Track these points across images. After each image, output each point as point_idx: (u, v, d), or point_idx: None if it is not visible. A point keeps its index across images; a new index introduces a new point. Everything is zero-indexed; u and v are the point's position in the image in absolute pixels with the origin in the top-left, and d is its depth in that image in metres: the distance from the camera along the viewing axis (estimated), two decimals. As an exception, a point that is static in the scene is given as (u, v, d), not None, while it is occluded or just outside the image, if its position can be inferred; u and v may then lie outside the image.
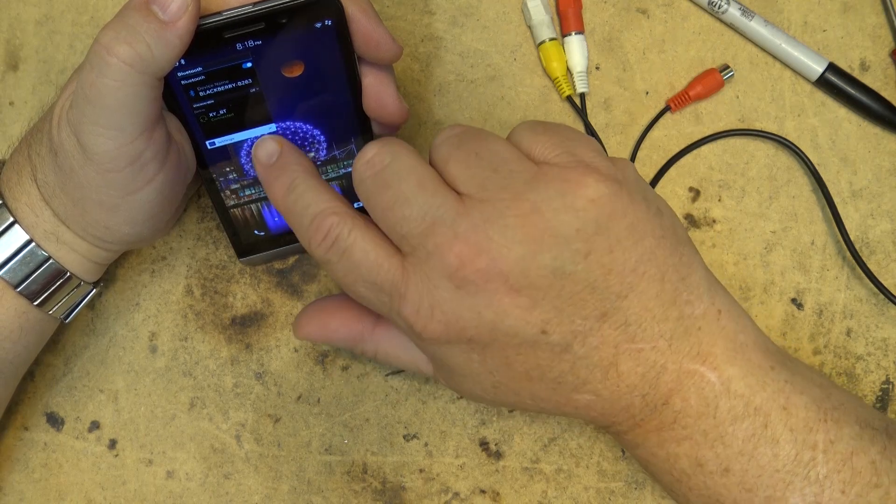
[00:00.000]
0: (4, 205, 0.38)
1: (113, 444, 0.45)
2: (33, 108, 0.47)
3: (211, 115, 0.38)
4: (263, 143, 0.36)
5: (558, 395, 0.35)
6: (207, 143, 0.39)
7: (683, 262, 0.35)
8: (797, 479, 0.34)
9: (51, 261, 0.38)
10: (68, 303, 0.40)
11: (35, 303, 0.39)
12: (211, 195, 0.41)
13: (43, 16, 0.47)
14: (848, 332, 0.46)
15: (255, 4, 0.34)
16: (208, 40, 0.34)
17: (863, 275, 0.45)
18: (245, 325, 0.46)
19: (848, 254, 0.46)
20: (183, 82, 0.36)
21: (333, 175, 0.42)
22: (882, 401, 0.46)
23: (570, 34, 0.47)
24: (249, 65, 0.36)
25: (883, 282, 0.45)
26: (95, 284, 0.41)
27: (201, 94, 0.37)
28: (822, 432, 0.34)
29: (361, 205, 0.34)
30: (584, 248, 0.32)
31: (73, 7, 0.47)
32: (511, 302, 0.32)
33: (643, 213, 0.33)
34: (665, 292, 0.34)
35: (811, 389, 0.35)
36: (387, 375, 0.45)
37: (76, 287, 0.40)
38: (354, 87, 0.38)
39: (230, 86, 0.37)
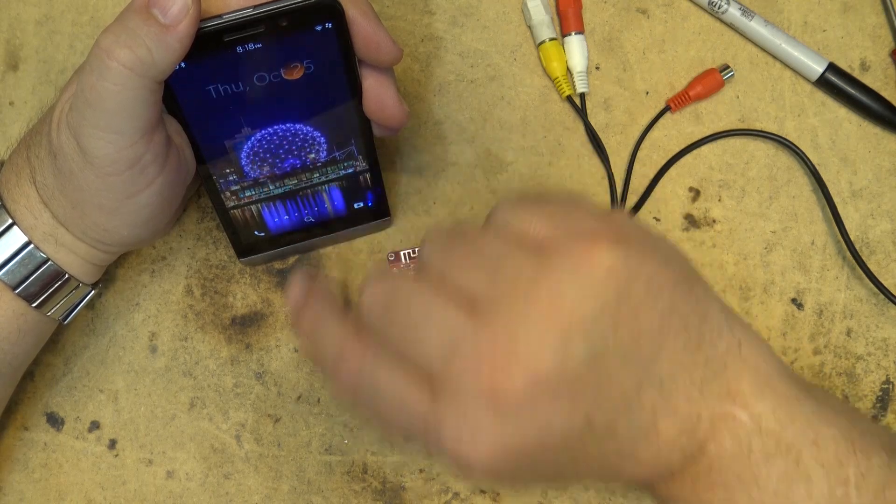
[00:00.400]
0: (3, 206, 0.38)
1: (113, 444, 0.45)
2: (33, 108, 0.47)
3: (211, 117, 0.38)
4: (291, 288, 0.34)
5: (605, 472, 0.33)
6: (208, 145, 0.39)
7: (700, 301, 0.33)
8: None
9: (49, 262, 0.38)
10: (67, 304, 0.40)
11: (33, 304, 0.39)
12: (211, 196, 0.41)
13: (43, 16, 0.47)
14: (848, 332, 0.46)
15: (255, 7, 0.34)
16: (209, 43, 0.34)
17: (863, 275, 0.45)
18: (245, 325, 0.46)
19: (848, 254, 0.46)
20: (183, 85, 0.36)
21: (334, 176, 0.42)
22: (882, 401, 0.46)
23: (570, 34, 0.47)
24: (249, 67, 0.36)
25: (883, 282, 0.45)
26: (94, 286, 0.41)
27: (201, 96, 0.37)
28: (853, 465, 0.33)
29: None
30: (612, 322, 0.30)
31: (73, 7, 0.47)
32: (554, 408, 0.29)
33: (655, 266, 0.31)
34: (691, 340, 0.32)
35: (837, 419, 0.34)
36: (387, 375, 0.45)
37: (75, 288, 0.40)
38: (355, 89, 0.38)
39: (230, 88, 0.37)
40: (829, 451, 0.33)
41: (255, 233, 0.43)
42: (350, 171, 0.42)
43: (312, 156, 0.41)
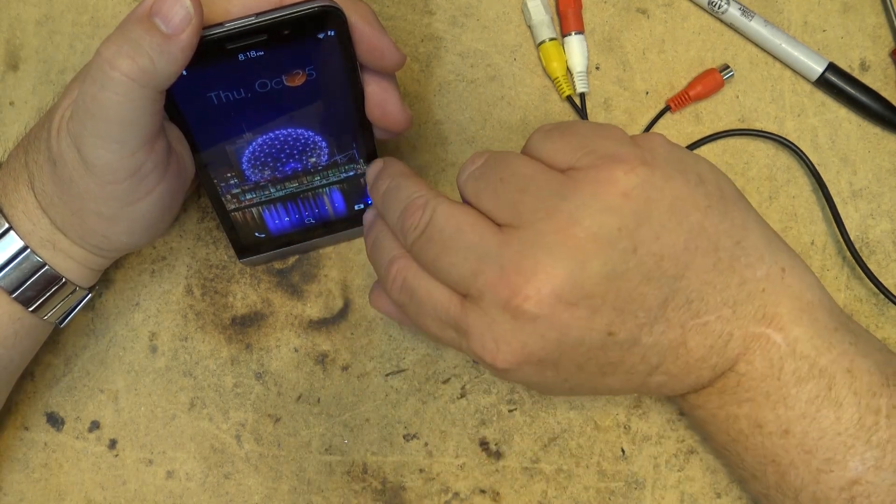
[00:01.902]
0: (0, 211, 0.38)
1: (113, 444, 0.45)
2: (33, 108, 0.47)
3: (213, 124, 0.37)
4: (368, 211, 0.39)
5: (633, 382, 0.35)
6: (209, 150, 0.39)
7: (736, 225, 0.34)
8: (859, 443, 0.34)
9: (46, 267, 0.38)
10: (63, 308, 0.40)
11: (30, 308, 0.38)
12: (212, 199, 0.41)
13: (43, 16, 0.47)
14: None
15: (257, 16, 0.34)
16: (211, 51, 0.34)
17: (863, 275, 0.45)
18: (245, 325, 0.46)
19: (848, 254, 0.46)
20: (185, 92, 0.36)
21: (335, 179, 0.42)
22: (882, 401, 0.46)
23: (570, 34, 0.47)
24: (251, 75, 0.36)
25: (883, 282, 0.45)
26: (90, 289, 0.41)
27: (203, 103, 0.36)
28: (886, 397, 0.34)
29: None
30: (630, 244, 0.32)
31: (73, 7, 0.47)
32: (571, 316, 0.32)
33: (681, 189, 0.33)
34: (722, 261, 0.33)
35: (874, 353, 0.35)
36: (387, 375, 0.45)
37: (71, 293, 0.40)
38: (357, 95, 0.38)
39: (232, 95, 0.36)
40: (863, 380, 0.34)
41: (256, 234, 0.43)
42: (351, 173, 0.42)
43: (314, 159, 0.41)
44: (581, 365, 0.33)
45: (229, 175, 0.40)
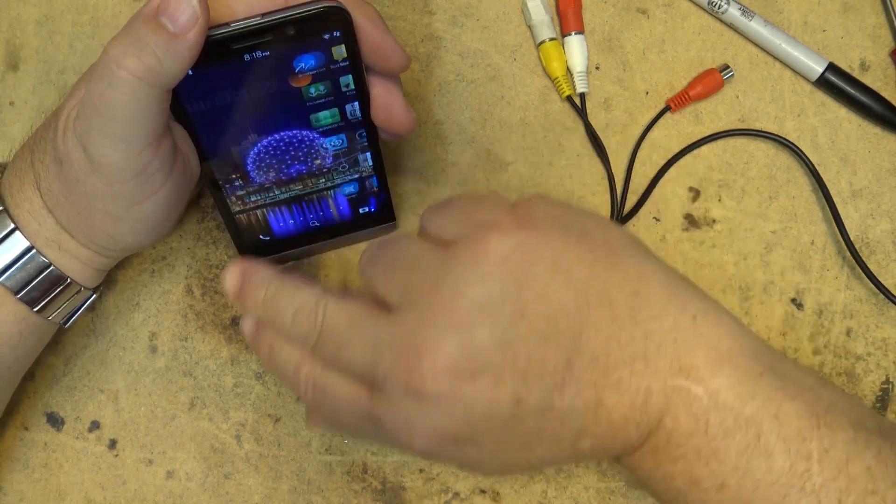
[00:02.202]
0: (6, 211, 0.38)
1: (113, 444, 0.45)
2: (33, 108, 0.47)
3: (218, 124, 0.37)
4: (243, 321, 0.36)
5: (563, 450, 0.34)
6: (214, 151, 0.39)
7: (630, 276, 0.33)
8: (793, 492, 0.33)
9: (52, 268, 0.38)
10: (68, 308, 0.40)
11: (35, 309, 0.38)
12: (216, 201, 0.41)
13: (43, 16, 0.47)
14: (848, 332, 0.46)
15: (263, 16, 0.34)
16: (216, 51, 0.34)
17: (863, 275, 0.45)
18: (245, 325, 0.46)
19: (848, 254, 0.46)
20: (190, 92, 0.36)
21: (339, 181, 0.42)
22: (882, 401, 0.46)
23: (570, 34, 0.47)
24: (257, 75, 0.36)
25: (883, 282, 0.45)
26: (95, 290, 0.41)
27: (208, 103, 0.36)
28: (816, 440, 0.33)
29: None
30: (517, 308, 0.31)
31: (73, 7, 0.47)
32: (473, 389, 0.31)
33: (562, 245, 0.32)
34: (620, 315, 0.32)
35: (803, 394, 0.34)
36: (387, 375, 0.45)
37: (76, 293, 0.40)
38: (362, 96, 0.38)
39: (237, 95, 0.36)
40: (791, 426, 0.33)
41: (260, 237, 0.43)
42: (356, 176, 0.42)
43: (318, 162, 0.41)
44: (500, 439, 0.32)
45: (234, 176, 0.40)
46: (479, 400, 0.31)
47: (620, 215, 0.47)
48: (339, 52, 0.36)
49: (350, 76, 0.37)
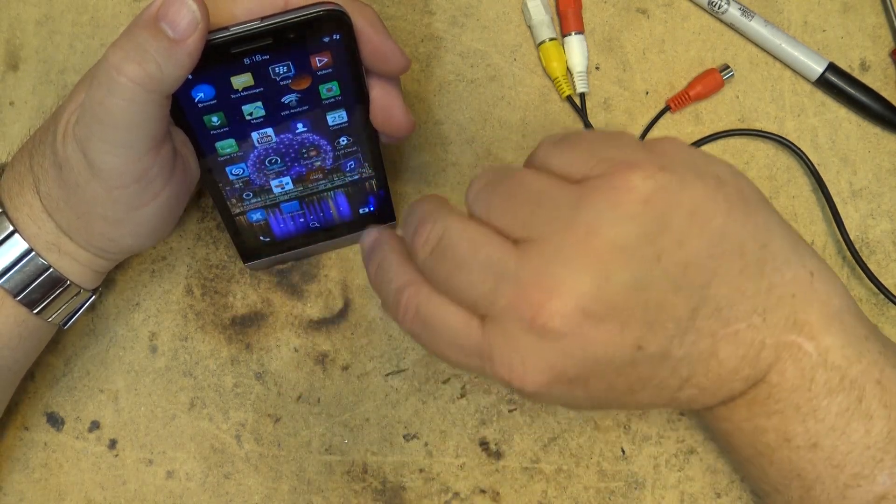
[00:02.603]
0: (5, 213, 0.38)
1: (113, 444, 0.45)
2: (33, 108, 0.47)
3: (218, 127, 0.37)
4: (367, 234, 0.36)
5: (662, 397, 0.33)
6: (214, 154, 0.39)
7: (760, 227, 0.33)
8: (888, 457, 0.33)
9: (51, 270, 0.38)
10: (67, 310, 0.40)
11: (34, 311, 0.38)
12: (216, 203, 0.41)
13: (43, 16, 0.47)
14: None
15: (263, 20, 0.34)
16: (216, 55, 0.34)
17: (863, 275, 0.45)
18: (245, 325, 0.46)
19: (848, 254, 0.46)
20: (190, 96, 0.36)
21: (339, 183, 0.42)
22: (882, 401, 0.46)
23: (570, 34, 0.47)
24: (257, 78, 0.36)
25: (883, 282, 0.45)
26: (94, 291, 0.41)
27: (208, 107, 0.36)
28: None
29: None
30: (654, 252, 0.30)
31: (73, 7, 0.47)
32: (599, 332, 0.30)
33: (701, 193, 0.31)
34: (749, 266, 0.32)
35: None
36: (387, 375, 0.45)
37: (75, 294, 0.40)
38: (362, 99, 0.38)
39: (237, 99, 0.36)
40: (892, 392, 0.33)
41: (261, 238, 0.43)
42: (356, 177, 0.42)
43: (318, 163, 0.41)
44: (611, 383, 0.32)
45: (234, 179, 0.40)
46: (602, 343, 0.30)
47: (620, 215, 0.47)
48: (339, 55, 0.36)
49: (349, 79, 0.37)
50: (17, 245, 0.37)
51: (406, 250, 0.34)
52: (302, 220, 0.43)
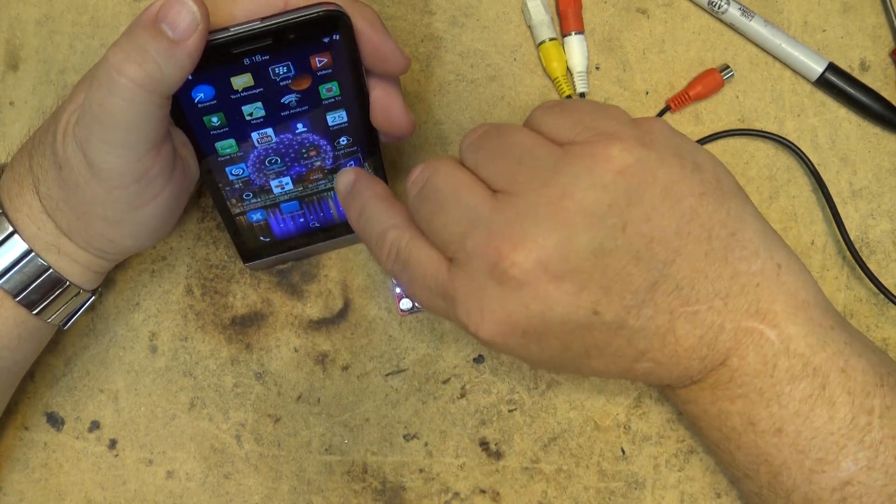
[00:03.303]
0: (4, 214, 0.37)
1: (113, 443, 0.45)
2: (33, 108, 0.47)
3: (218, 127, 0.37)
4: (342, 174, 0.38)
5: (618, 366, 0.35)
6: (214, 154, 0.39)
7: (732, 216, 0.34)
8: (851, 443, 0.34)
9: (51, 270, 0.38)
10: (67, 310, 0.40)
11: (34, 311, 0.38)
12: (216, 203, 0.41)
13: (43, 16, 0.47)
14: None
15: (262, 20, 0.34)
16: (216, 56, 0.34)
17: (863, 275, 0.45)
18: (245, 325, 0.46)
19: (848, 254, 0.46)
20: (190, 97, 0.36)
21: None
22: (882, 401, 0.46)
23: (570, 34, 0.47)
24: (257, 79, 0.36)
25: (883, 282, 0.45)
26: (94, 291, 0.41)
27: (208, 107, 0.36)
28: (879, 397, 0.34)
29: None
30: (620, 221, 0.32)
31: (73, 7, 0.47)
32: (557, 290, 0.32)
33: (677, 173, 0.33)
34: (715, 251, 0.33)
35: (868, 353, 0.35)
36: (387, 375, 0.45)
37: (75, 295, 0.40)
38: (362, 99, 0.38)
39: (237, 99, 0.36)
40: (856, 380, 0.34)
41: (261, 238, 0.43)
42: None
43: (318, 163, 0.41)
44: (566, 344, 0.33)
45: (234, 179, 0.40)
46: (558, 302, 0.32)
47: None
48: (339, 55, 0.36)
49: (349, 79, 0.37)
50: (17, 246, 0.37)
51: (387, 194, 0.37)
52: (302, 220, 0.43)
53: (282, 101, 0.37)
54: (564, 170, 0.32)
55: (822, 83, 0.47)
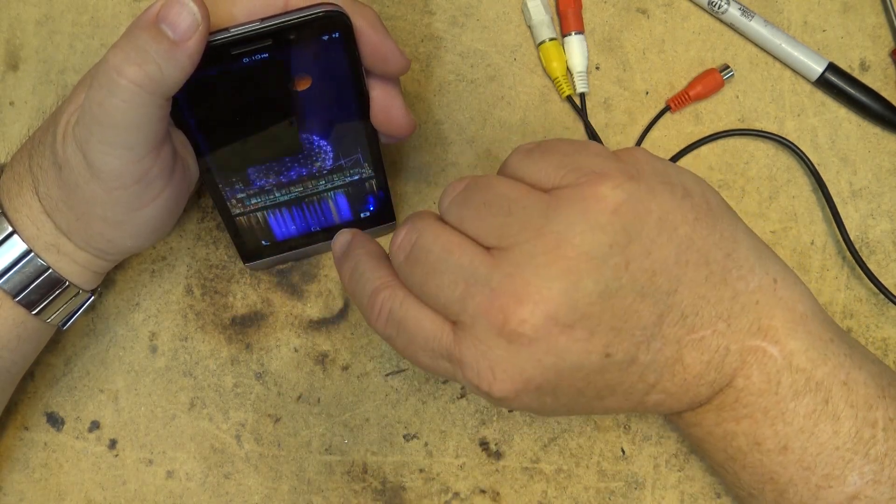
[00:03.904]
0: (4, 214, 0.37)
1: (113, 443, 0.45)
2: (33, 108, 0.47)
3: (217, 128, 0.37)
4: (339, 236, 0.37)
5: (630, 402, 0.34)
6: (214, 155, 0.39)
7: (725, 237, 0.34)
8: (857, 457, 0.34)
9: (50, 271, 0.38)
10: (66, 310, 0.40)
11: (33, 311, 0.38)
12: (217, 204, 0.41)
13: (43, 16, 0.47)
14: (848, 332, 0.46)
15: (262, 21, 0.34)
16: (216, 56, 0.34)
17: (863, 275, 0.45)
18: (245, 325, 0.46)
19: (848, 254, 0.46)
20: (190, 97, 0.36)
21: (339, 183, 0.42)
22: (882, 401, 0.46)
23: (570, 34, 0.47)
24: (256, 79, 0.36)
25: (883, 282, 0.45)
26: (93, 292, 0.41)
27: (208, 108, 0.36)
28: (882, 409, 0.34)
29: None
30: (622, 260, 0.31)
31: (73, 7, 0.47)
32: (568, 339, 0.31)
33: (668, 202, 0.32)
34: (714, 274, 0.33)
35: (868, 365, 0.35)
36: (387, 375, 0.45)
37: (74, 295, 0.40)
38: (362, 99, 0.38)
39: (237, 99, 0.36)
40: (859, 393, 0.34)
41: (261, 238, 0.43)
42: (356, 178, 0.42)
43: (318, 164, 0.41)
44: (580, 390, 0.33)
45: (234, 180, 0.40)
46: (571, 351, 0.31)
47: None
48: (339, 55, 0.36)
49: (349, 79, 0.37)
50: (16, 246, 0.37)
51: (381, 253, 0.35)
52: (302, 220, 0.43)
53: (281, 100, 0.37)
54: (557, 217, 0.31)
55: (822, 83, 0.47)
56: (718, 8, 0.47)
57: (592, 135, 0.47)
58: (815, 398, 0.34)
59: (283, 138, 0.39)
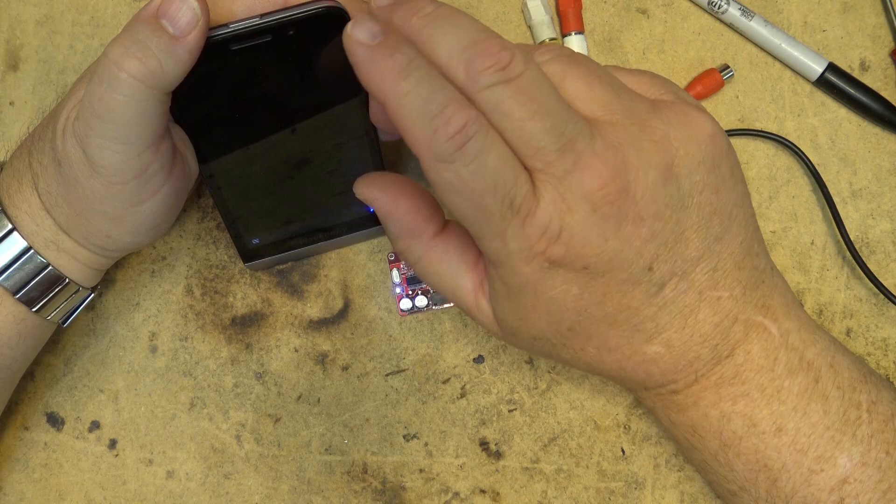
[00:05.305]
0: (3, 211, 0.38)
1: (113, 443, 0.45)
2: (33, 108, 0.47)
3: (216, 124, 0.37)
4: (362, 23, 0.30)
5: (630, 344, 0.34)
6: (214, 152, 0.39)
7: (751, 214, 0.36)
8: (845, 438, 0.34)
9: (50, 268, 0.38)
10: (66, 308, 0.40)
11: (33, 309, 0.38)
12: (216, 202, 0.41)
13: (43, 16, 0.47)
14: (848, 332, 0.46)
15: (262, 16, 0.34)
16: (215, 52, 0.34)
17: (863, 275, 0.45)
18: (245, 325, 0.46)
19: (848, 254, 0.46)
20: (189, 93, 0.36)
21: (339, 181, 0.42)
22: (882, 401, 0.46)
23: (570, 34, 0.47)
24: (256, 75, 0.36)
25: (883, 282, 0.45)
26: (93, 289, 0.41)
27: (207, 104, 0.36)
28: (865, 392, 0.35)
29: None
30: (702, 182, 0.32)
31: (73, 7, 0.47)
32: (635, 231, 0.31)
33: (736, 159, 0.34)
34: (746, 241, 0.34)
35: (849, 353, 0.37)
36: (387, 375, 0.45)
37: (74, 292, 0.40)
38: (362, 98, 0.38)
39: (236, 95, 0.36)
40: (844, 375, 0.35)
41: (261, 238, 0.43)
42: (356, 177, 0.42)
43: (318, 161, 0.40)
44: (605, 297, 0.32)
45: (233, 177, 0.40)
46: (631, 244, 0.31)
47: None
48: (338, 52, 0.36)
49: (348, 76, 0.37)
50: (16, 243, 0.37)
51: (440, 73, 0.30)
52: (302, 220, 0.43)
53: (279, 97, 0.37)
54: (663, 118, 0.32)
55: (822, 83, 0.47)
56: (718, 8, 0.47)
57: (592, 135, 0.47)
58: (807, 377, 0.35)
59: (282, 136, 0.39)
